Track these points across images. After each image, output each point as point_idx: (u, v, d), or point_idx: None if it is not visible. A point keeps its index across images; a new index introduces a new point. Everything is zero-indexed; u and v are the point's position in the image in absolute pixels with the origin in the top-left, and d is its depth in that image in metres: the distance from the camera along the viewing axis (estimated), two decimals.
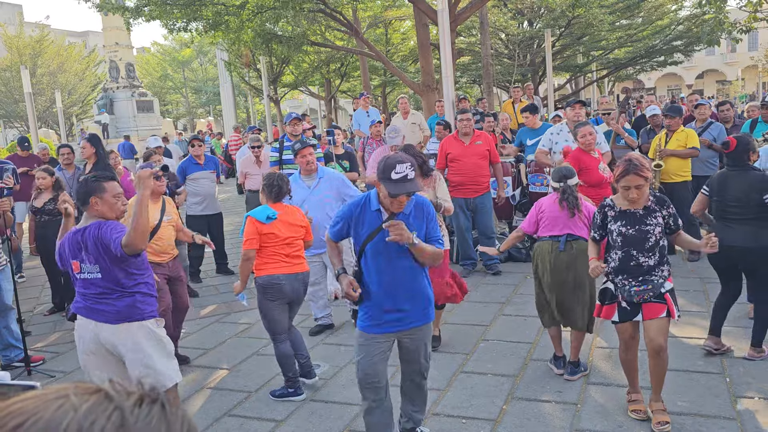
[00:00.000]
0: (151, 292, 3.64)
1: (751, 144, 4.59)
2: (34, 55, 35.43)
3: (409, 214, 3.32)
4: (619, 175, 3.61)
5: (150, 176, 3.50)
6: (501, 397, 4.29)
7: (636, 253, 3.68)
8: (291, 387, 4.54)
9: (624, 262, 3.72)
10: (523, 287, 6.77)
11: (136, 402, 0.63)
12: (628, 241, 3.69)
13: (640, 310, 3.74)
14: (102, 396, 0.62)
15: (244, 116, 42.28)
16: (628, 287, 3.72)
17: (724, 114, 8.30)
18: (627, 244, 3.70)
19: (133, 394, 0.64)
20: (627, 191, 3.62)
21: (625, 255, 3.71)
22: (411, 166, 3.20)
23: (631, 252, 3.69)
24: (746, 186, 4.48)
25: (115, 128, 32.01)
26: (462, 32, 21.61)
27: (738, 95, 35.44)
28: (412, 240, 3.17)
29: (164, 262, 5.17)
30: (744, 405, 3.96)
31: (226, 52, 22.24)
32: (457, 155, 7.09)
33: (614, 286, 3.80)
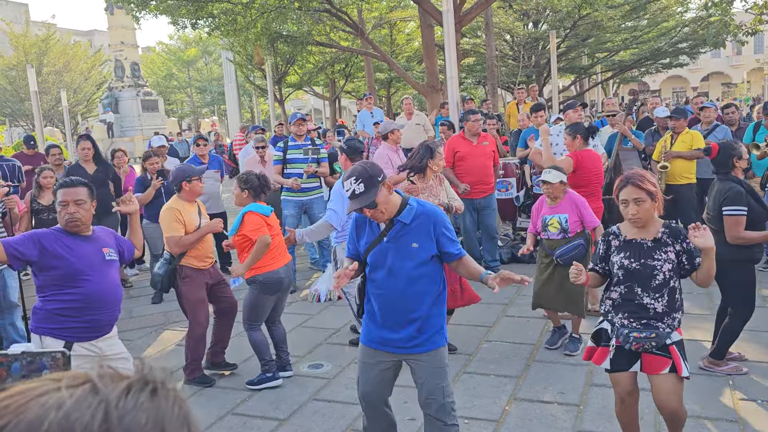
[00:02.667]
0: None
1: (736, 150, 4.31)
2: (40, 54, 35.54)
3: (413, 225, 3.04)
4: (617, 189, 3.20)
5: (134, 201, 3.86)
6: (503, 398, 4.30)
7: (640, 291, 3.14)
8: (268, 371, 4.68)
9: (626, 299, 3.18)
10: (527, 288, 6.76)
11: (123, 391, 0.61)
12: (631, 276, 3.16)
13: (639, 360, 3.19)
14: (89, 388, 0.60)
15: (248, 116, 42.32)
16: (628, 331, 3.13)
17: (729, 117, 8.29)
18: (629, 279, 3.17)
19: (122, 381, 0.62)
20: (626, 207, 3.15)
21: (628, 291, 3.17)
22: (357, 180, 2.92)
23: (634, 289, 3.15)
24: (716, 195, 4.31)
25: (120, 127, 32.14)
26: (467, 33, 21.61)
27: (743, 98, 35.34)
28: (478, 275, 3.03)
29: (206, 268, 4.98)
30: (746, 408, 3.96)
31: (231, 52, 22.27)
32: (465, 155, 7.11)
33: (611, 326, 3.26)
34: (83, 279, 3.34)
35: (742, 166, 4.36)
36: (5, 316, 5.48)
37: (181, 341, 5.92)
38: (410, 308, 3.07)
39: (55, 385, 0.60)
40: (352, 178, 2.93)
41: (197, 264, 4.85)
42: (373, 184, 2.93)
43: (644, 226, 3.19)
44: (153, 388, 0.63)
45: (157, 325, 6.45)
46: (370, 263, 3.13)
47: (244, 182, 4.72)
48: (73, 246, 3.35)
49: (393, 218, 3.04)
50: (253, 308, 4.69)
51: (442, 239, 3.06)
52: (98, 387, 0.61)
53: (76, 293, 3.33)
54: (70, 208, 3.34)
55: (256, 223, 4.53)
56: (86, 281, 3.34)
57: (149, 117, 32.62)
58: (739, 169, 4.35)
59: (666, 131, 7.77)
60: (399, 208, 3.04)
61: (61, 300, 3.33)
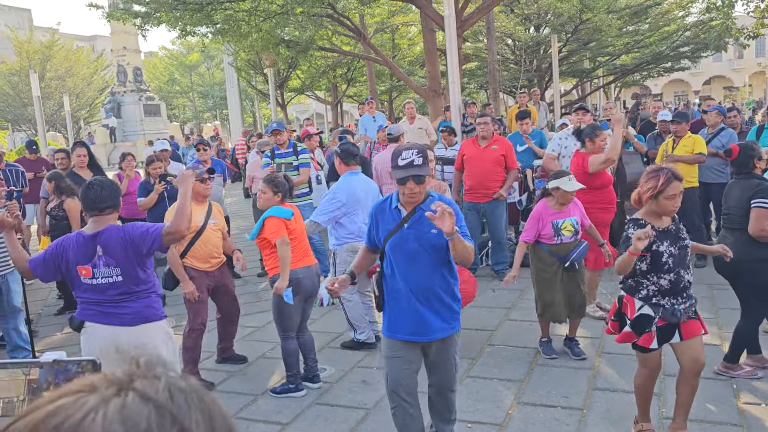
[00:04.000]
0: (159, 293, 3.73)
1: (755, 151, 4.43)
2: (43, 59, 35.68)
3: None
4: (662, 185, 3.34)
5: (191, 176, 3.75)
6: (507, 402, 4.30)
7: (683, 273, 3.43)
8: (292, 383, 4.61)
9: (676, 285, 3.42)
10: (529, 292, 6.75)
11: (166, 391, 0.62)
12: (677, 262, 3.41)
13: (677, 331, 3.47)
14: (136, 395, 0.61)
15: (251, 120, 42.40)
16: (677, 306, 3.43)
17: (731, 120, 8.29)
18: (677, 265, 3.41)
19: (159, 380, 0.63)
20: (673, 200, 3.36)
21: (677, 277, 3.41)
22: (418, 153, 3.12)
23: (680, 273, 3.42)
24: (741, 193, 4.35)
25: (122, 132, 32.23)
26: (469, 38, 21.64)
27: (745, 101, 35.32)
28: (452, 227, 2.94)
29: (211, 270, 4.95)
30: (750, 411, 3.95)
31: (233, 57, 22.31)
32: (471, 158, 7.13)
33: (654, 309, 3.45)
34: None
35: (762, 166, 4.45)
36: (9, 320, 5.49)
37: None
38: (432, 291, 3.22)
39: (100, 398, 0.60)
40: (413, 150, 3.13)
41: (199, 265, 4.86)
42: (427, 163, 3.18)
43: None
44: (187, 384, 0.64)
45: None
46: (390, 251, 3.25)
47: (275, 185, 4.59)
48: None
49: (416, 206, 3.20)
50: (277, 314, 4.58)
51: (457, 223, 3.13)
52: (145, 393, 0.61)
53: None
54: None
55: (275, 226, 4.47)
56: None
57: (151, 122, 32.71)
58: (758, 169, 4.44)
59: (668, 135, 7.77)
60: (424, 198, 3.23)
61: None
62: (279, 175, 4.73)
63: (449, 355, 3.34)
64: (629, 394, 4.24)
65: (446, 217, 2.91)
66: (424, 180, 3.14)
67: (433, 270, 3.20)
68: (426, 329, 3.23)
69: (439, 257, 3.20)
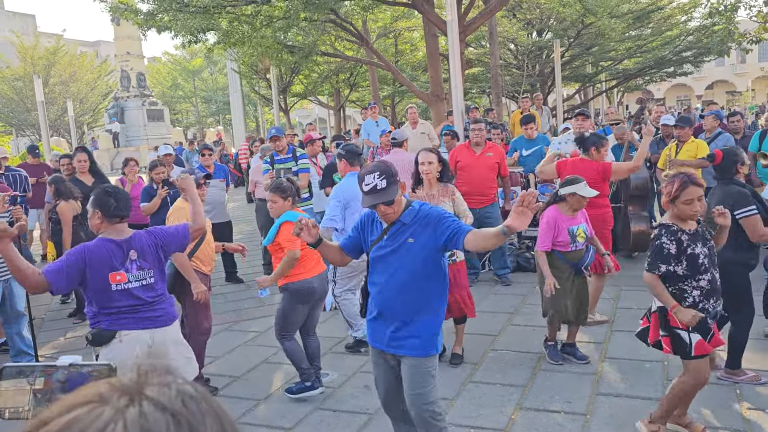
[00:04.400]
0: None
1: (739, 156, 4.42)
2: (47, 64, 35.82)
3: (412, 224, 3.09)
4: (677, 190, 3.41)
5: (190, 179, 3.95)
6: (509, 407, 4.28)
7: (714, 272, 3.52)
8: (307, 380, 4.57)
9: (712, 284, 3.49)
10: (532, 297, 6.76)
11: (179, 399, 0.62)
12: (710, 262, 3.50)
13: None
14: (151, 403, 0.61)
15: (253, 125, 42.49)
16: (718, 308, 3.57)
17: (734, 125, 8.29)
18: (711, 265, 3.50)
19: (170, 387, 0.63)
20: (691, 205, 3.40)
21: (712, 277, 3.50)
22: (381, 175, 2.98)
23: (714, 273, 3.51)
24: (722, 199, 4.34)
25: (126, 137, 32.30)
26: (471, 43, 21.68)
27: (748, 106, 35.29)
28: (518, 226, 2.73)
29: (210, 273, 4.97)
30: (754, 417, 3.93)
31: (236, 62, 22.37)
32: (466, 165, 7.09)
33: (704, 313, 3.49)
34: None
35: (745, 172, 4.46)
36: (12, 325, 5.50)
37: None
38: (401, 308, 3.12)
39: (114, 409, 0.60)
40: (375, 173, 2.98)
41: (204, 267, 4.87)
42: (394, 182, 3.02)
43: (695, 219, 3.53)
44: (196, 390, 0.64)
45: None
46: (371, 261, 3.23)
47: (282, 191, 4.53)
48: None
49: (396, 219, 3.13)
50: (284, 318, 4.56)
51: (449, 230, 3.00)
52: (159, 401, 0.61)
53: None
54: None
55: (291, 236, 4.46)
56: None
57: (155, 127, 32.78)
58: (741, 175, 4.44)
59: (671, 140, 7.77)
60: (403, 209, 3.13)
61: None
62: (282, 180, 4.71)
63: (414, 376, 3.13)
64: (633, 399, 4.24)
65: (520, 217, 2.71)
66: (393, 201, 3.02)
67: (409, 282, 3.08)
68: (395, 341, 3.15)
69: (416, 269, 3.07)
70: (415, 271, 3.07)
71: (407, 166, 7.24)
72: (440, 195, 4.96)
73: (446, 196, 4.98)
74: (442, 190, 4.99)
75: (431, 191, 4.97)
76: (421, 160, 4.96)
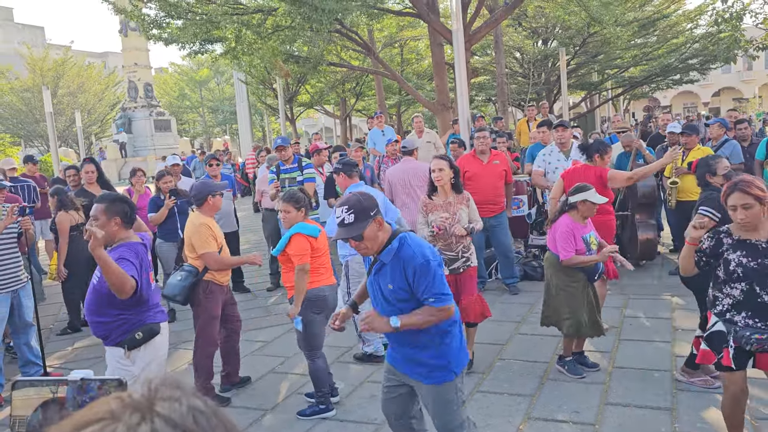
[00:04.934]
0: None
1: (709, 166, 4.67)
2: (56, 76, 36.12)
3: (390, 264, 2.94)
4: (725, 196, 3.36)
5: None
6: (518, 417, 4.26)
7: (759, 290, 3.27)
8: (323, 404, 4.51)
9: (748, 297, 3.29)
10: (539, 306, 6.72)
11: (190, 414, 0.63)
12: (751, 275, 3.28)
13: (752, 358, 3.33)
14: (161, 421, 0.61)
15: (260, 135, 42.64)
16: (750, 333, 3.26)
17: (741, 132, 8.27)
18: (749, 278, 3.28)
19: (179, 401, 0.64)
20: (734, 212, 3.31)
21: (749, 290, 3.29)
22: (349, 210, 2.87)
23: (755, 287, 3.28)
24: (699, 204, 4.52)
25: (133, 147, 32.48)
26: (477, 52, 21.72)
27: (756, 113, 35.19)
28: (388, 327, 2.88)
29: (226, 285, 4.96)
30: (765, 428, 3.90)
31: (243, 72, 22.48)
32: (475, 174, 7.09)
33: (727, 327, 3.36)
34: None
35: (718, 182, 4.58)
36: (20, 335, 5.52)
37: None
38: (399, 341, 3.07)
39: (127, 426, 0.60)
40: (344, 207, 2.89)
41: (220, 279, 4.87)
42: (364, 217, 2.87)
43: (755, 228, 3.34)
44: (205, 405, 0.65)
45: (169, 345, 6.45)
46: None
47: (296, 201, 4.49)
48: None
49: (378, 254, 2.99)
50: (305, 334, 4.46)
51: (418, 282, 2.87)
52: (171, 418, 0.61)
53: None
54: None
55: (302, 248, 4.36)
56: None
57: (162, 137, 32.97)
58: (716, 183, 4.59)
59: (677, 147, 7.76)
60: (384, 245, 2.95)
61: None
62: (295, 190, 4.69)
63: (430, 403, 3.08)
64: (641, 408, 4.21)
65: (367, 322, 2.94)
66: (361, 237, 2.88)
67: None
68: (407, 365, 3.10)
69: (398, 310, 2.96)
70: (400, 312, 2.95)
71: (418, 174, 7.27)
72: (456, 202, 4.96)
73: (462, 203, 4.98)
74: (458, 198, 4.98)
75: (448, 198, 4.97)
76: (432, 168, 4.97)
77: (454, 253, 4.94)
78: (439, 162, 4.96)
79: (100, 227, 3.41)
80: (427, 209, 5.01)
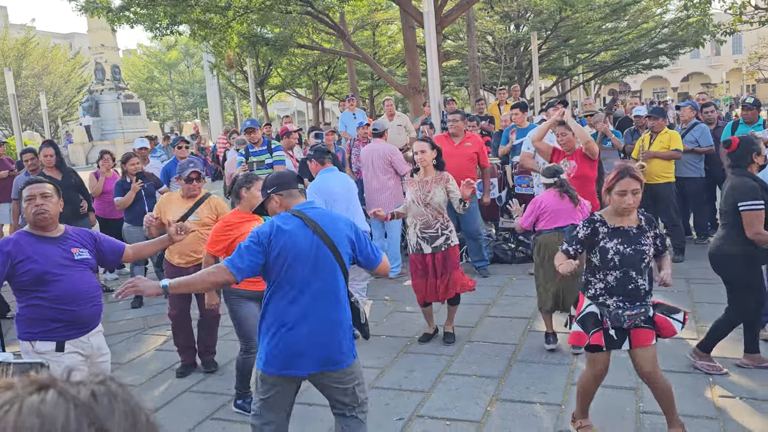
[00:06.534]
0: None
1: (755, 146, 4.24)
2: (18, 56, 35.11)
3: None
4: (613, 180, 3.36)
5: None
6: (485, 399, 4.28)
7: (635, 275, 3.39)
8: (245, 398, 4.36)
9: (622, 284, 3.40)
10: (509, 289, 6.78)
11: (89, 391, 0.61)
12: (626, 262, 3.38)
13: (627, 338, 3.44)
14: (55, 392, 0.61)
15: (231, 119, 42.13)
16: (621, 311, 3.39)
17: (708, 116, 8.37)
18: (625, 265, 3.38)
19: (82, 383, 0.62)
20: (623, 197, 3.32)
21: (624, 276, 3.39)
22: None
23: (630, 273, 3.39)
24: (729, 189, 4.28)
25: (101, 130, 31.78)
26: (449, 35, 21.67)
27: (722, 98, 35.80)
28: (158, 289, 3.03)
29: (186, 267, 4.82)
30: (726, 405, 3.98)
31: (212, 54, 22.12)
32: (444, 154, 7.07)
33: (600, 310, 3.46)
34: (53, 280, 3.27)
35: (760, 162, 4.30)
36: None
37: (161, 345, 5.85)
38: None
39: (15, 394, 0.59)
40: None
41: (176, 260, 4.85)
42: (263, 192, 3.14)
43: (629, 215, 3.42)
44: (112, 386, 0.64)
45: (135, 330, 6.36)
46: None
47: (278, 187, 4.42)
48: (38, 249, 3.29)
49: None
50: (240, 323, 4.39)
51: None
52: (66, 391, 0.60)
53: (49, 293, 3.27)
54: (38, 201, 3.30)
55: (228, 234, 4.24)
56: (56, 281, 3.28)
57: (131, 120, 32.29)
58: (756, 165, 4.28)
59: (644, 130, 7.83)
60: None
61: (37, 303, 3.28)
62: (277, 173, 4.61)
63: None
64: (608, 389, 4.26)
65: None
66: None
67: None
68: None
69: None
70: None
71: (385, 156, 7.28)
72: (434, 181, 5.20)
73: (440, 183, 5.20)
74: (437, 177, 5.22)
75: (426, 177, 5.24)
76: (415, 150, 5.26)
77: (433, 230, 5.16)
78: (421, 144, 5.25)
79: None
80: (407, 185, 5.37)
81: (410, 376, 4.76)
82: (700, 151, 7.66)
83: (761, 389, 4.15)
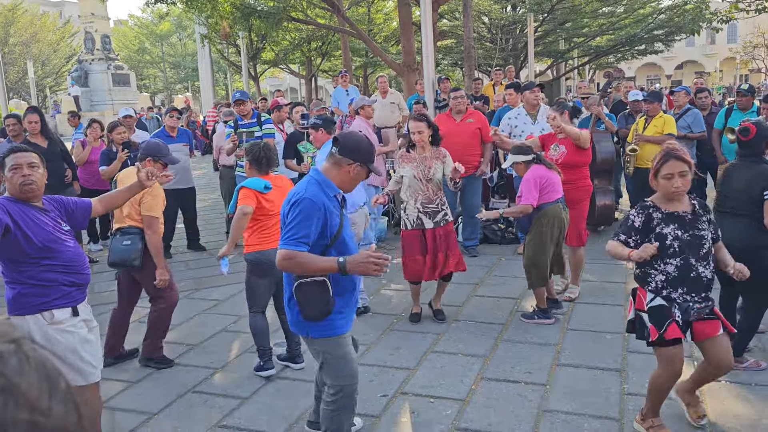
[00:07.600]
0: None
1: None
2: (6, 23, 34.53)
3: None
4: (658, 164, 3.19)
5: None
6: (470, 377, 4.26)
7: (695, 263, 3.18)
8: (261, 358, 4.45)
9: (683, 273, 3.19)
10: (497, 269, 6.75)
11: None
12: (686, 248, 3.18)
13: (689, 329, 3.28)
14: None
15: (223, 93, 41.71)
16: (691, 303, 3.21)
17: (701, 101, 8.33)
18: (684, 251, 3.18)
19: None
20: (670, 180, 3.15)
21: (684, 264, 3.18)
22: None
23: (690, 260, 3.18)
24: (750, 178, 4.02)
25: (90, 101, 31.34)
26: (446, 15, 21.44)
27: (716, 87, 35.83)
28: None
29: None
30: (710, 387, 3.97)
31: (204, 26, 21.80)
32: (446, 132, 6.99)
33: (668, 301, 3.24)
34: (58, 248, 3.15)
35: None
36: None
37: (143, 318, 5.78)
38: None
39: None
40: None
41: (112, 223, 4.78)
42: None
43: (680, 200, 3.26)
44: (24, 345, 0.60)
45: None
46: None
47: (249, 155, 4.42)
48: (31, 216, 3.12)
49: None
50: (247, 290, 4.45)
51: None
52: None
53: (59, 259, 3.14)
54: (24, 170, 3.11)
55: (243, 196, 4.23)
56: (61, 250, 3.16)
57: (120, 91, 31.85)
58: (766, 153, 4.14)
59: (639, 115, 7.78)
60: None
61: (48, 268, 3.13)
62: (257, 144, 4.53)
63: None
64: (592, 369, 4.25)
65: None
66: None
67: None
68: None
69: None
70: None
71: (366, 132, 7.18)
72: (432, 157, 5.20)
73: (438, 158, 5.20)
74: (434, 153, 5.21)
75: (423, 154, 5.22)
76: (411, 130, 5.22)
77: (434, 205, 5.20)
78: (417, 124, 5.21)
79: None
80: (402, 160, 5.30)
81: (396, 353, 4.73)
82: (692, 137, 7.62)
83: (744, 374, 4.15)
